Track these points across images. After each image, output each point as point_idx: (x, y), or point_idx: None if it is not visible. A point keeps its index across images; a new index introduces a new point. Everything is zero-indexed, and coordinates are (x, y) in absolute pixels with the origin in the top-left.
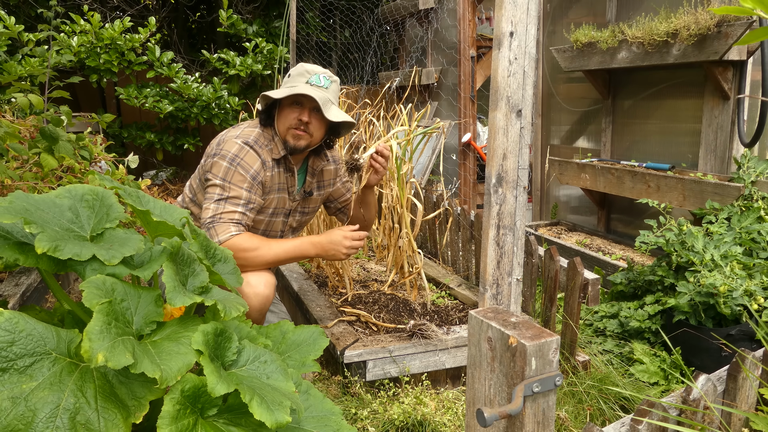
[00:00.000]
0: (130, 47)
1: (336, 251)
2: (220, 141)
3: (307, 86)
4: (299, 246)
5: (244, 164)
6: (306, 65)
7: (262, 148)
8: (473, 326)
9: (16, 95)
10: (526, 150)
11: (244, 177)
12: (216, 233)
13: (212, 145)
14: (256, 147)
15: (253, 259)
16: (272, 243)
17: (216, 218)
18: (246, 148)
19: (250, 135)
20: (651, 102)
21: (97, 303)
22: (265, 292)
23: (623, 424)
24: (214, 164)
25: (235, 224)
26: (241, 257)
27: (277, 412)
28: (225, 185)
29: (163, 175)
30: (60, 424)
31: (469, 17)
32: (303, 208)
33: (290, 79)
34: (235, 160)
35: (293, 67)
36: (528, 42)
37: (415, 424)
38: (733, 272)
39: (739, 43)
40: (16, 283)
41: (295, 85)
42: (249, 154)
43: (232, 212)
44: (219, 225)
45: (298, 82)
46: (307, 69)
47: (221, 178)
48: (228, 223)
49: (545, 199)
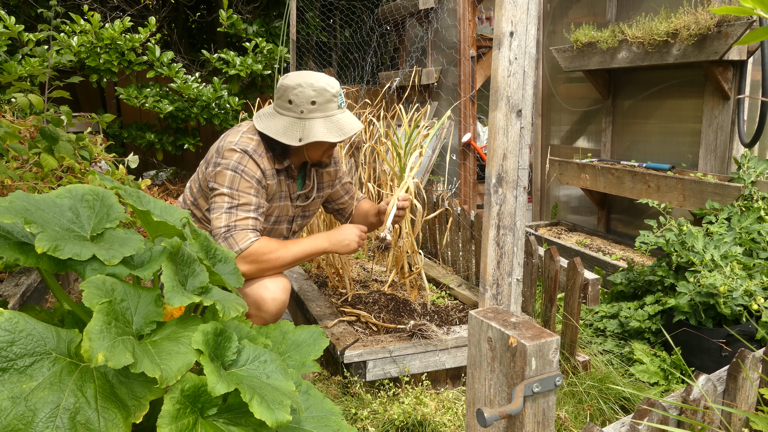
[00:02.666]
0: (130, 47)
1: (350, 240)
2: (219, 149)
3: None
4: (315, 242)
5: (247, 170)
6: (327, 85)
7: (261, 156)
8: (473, 326)
9: (16, 95)
10: (526, 150)
11: (250, 183)
12: (236, 242)
13: (212, 152)
14: (255, 156)
15: (274, 261)
16: (289, 244)
17: (232, 227)
18: (246, 156)
19: (249, 144)
20: (651, 102)
21: (97, 303)
22: (283, 297)
23: (623, 424)
24: (218, 174)
25: (252, 231)
26: (264, 260)
27: (277, 411)
28: (233, 193)
29: (163, 175)
30: (60, 423)
31: (469, 17)
32: (304, 212)
33: (318, 107)
34: (238, 168)
35: (309, 88)
36: (528, 42)
37: (415, 424)
38: (733, 272)
39: (739, 43)
40: (16, 283)
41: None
42: (250, 162)
43: (245, 219)
44: (237, 233)
45: (330, 109)
46: (332, 92)
47: (228, 186)
48: (245, 231)
49: (545, 199)
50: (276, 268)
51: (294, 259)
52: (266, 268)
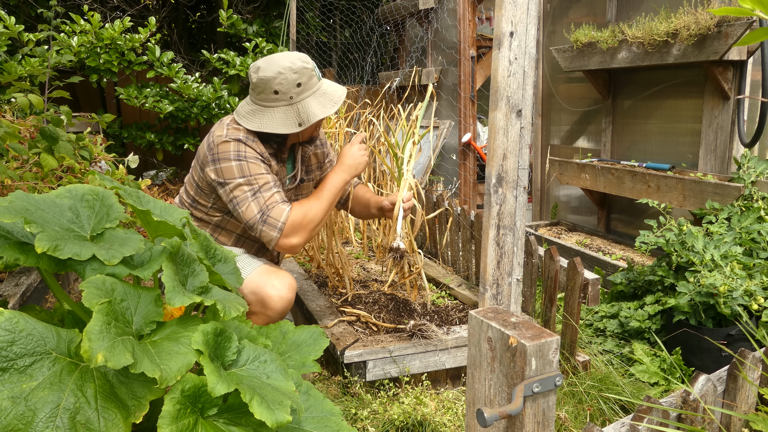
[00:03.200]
0: (130, 47)
1: (361, 159)
2: (211, 145)
3: (326, 84)
4: (335, 180)
5: (249, 154)
6: (302, 62)
7: (254, 142)
8: (473, 326)
9: (16, 95)
10: (526, 150)
11: (257, 164)
12: (276, 219)
13: (202, 151)
14: (249, 142)
15: (315, 215)
16: (312, 198)
17: (265, 210)
18: (241, 144)
19: (238, 133)
20: (651, 102)
21: (97, 303)
22: (289, 295)
23: (623, 425)
24: (224, 169)
25: (282, 203)
26: (307, 221)
27: (277, 412)
28: (249, 180)
29: (163, 175)
30: (60, 423)
31: (469, 17)
32: (296, 195)
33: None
34: (240, 156)
35: (290, 72)
36: (528, 42)
37: (415, 424)
38: (733, 272)
39: (739, 43)
40: (16, 283)
41: (317, 89)
42: (247, 147)
43: (272, 196)
44: (272, 211)
45: (314, 85)
46: (309, 67)
47: (240, 176)
48: (277, 205)
49: (545, 199)
50: (320, 222)
51: (329, 204)
52: (313, 227)
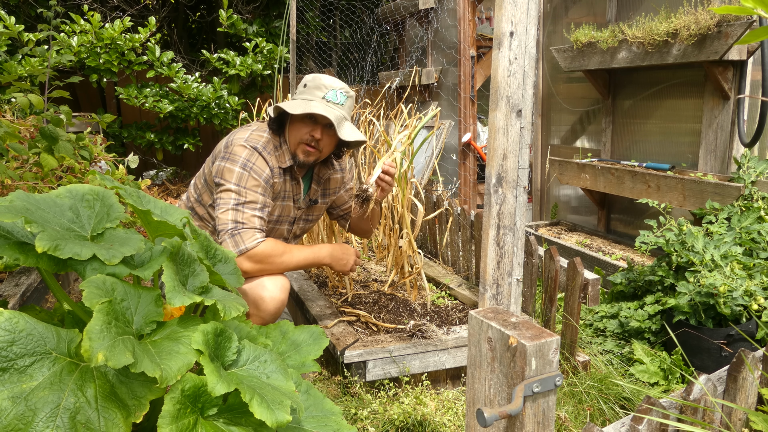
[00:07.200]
0: (130, 47)
1: (348, 261)
2: (229, 144)
3: (322, 103)
4: (317, 253)
5: (256, 168)
6: (324, 78)
7: (270, 154)
8: (473, 326)
9: (16, 95)
10: (526, 150)
11: (258, 181)
12: (242, 240)
13: (219, 147)
14: (265, 153)
15: (279, 264)
16: (294, 248)
17: (239, 225)
18: (256, 153)
19: (258, 140)
20: (651, 102)
21: (97, 302)
22: (282, 296)
23: (623, 425)
24: (226, 169)
25: (259, 231)
26: (268, 262)
27: (277, 411)
28: (240, 190)
29: (163, 175)
30: (60, 423)
31: (469, 17)
32: (307, 215)
33: (306, 90)
34: (247, 165)
35: (309, 76)
36: (528, 42)
37: (415, 424)
38: (733, 272)
39: (739, 42)
40: (16, 283)
41: (311, 100)
42: (259, 159)
43: (252, 217)
44: (245, 232)
45: (314, 96)
46: (324, 83)
47: (235, 183)
48: (253, 230)
49: (545, 199)
50: (277, 271)
51: (296, 265)
52: (269, 269)
